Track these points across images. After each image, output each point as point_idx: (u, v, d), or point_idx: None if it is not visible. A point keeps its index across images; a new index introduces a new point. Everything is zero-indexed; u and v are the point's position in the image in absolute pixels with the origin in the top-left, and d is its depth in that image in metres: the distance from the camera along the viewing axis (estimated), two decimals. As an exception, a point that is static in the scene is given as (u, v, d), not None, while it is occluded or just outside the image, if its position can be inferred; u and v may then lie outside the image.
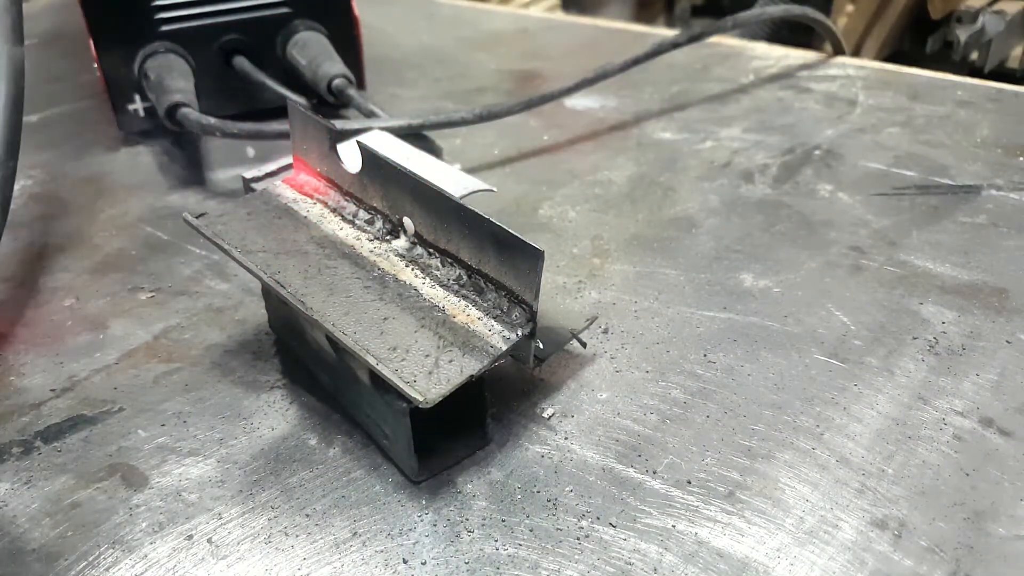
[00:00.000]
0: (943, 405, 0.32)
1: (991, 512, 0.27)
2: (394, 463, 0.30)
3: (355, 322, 0.29)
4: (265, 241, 0.32)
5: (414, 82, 0.64)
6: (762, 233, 0.43)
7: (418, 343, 0.28)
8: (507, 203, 0.47)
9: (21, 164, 0.53)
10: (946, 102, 0.56)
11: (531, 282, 0.28)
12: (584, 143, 0.54)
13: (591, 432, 0.31)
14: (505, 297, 0.29)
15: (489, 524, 0.27)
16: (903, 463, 0.29)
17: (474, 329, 0.29)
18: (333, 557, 0.27)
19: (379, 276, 0.31)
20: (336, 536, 0.27)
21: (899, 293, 0.38)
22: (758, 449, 0.30)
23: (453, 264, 0.31)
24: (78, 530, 0.28)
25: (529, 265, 0.27)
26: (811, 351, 0.35)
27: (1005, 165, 0.48)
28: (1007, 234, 0.42)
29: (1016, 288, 0.38)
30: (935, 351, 0.34)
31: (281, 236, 0.33)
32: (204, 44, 0.53)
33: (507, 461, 0.30)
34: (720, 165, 0.50)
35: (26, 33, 0.40)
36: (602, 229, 0.44)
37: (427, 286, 0.30)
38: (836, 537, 0.27)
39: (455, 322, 0.29)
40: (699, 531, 0.27)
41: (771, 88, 0.60)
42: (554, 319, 0.33)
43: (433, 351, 0.28)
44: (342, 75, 0.52)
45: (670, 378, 0.33)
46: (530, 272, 0.28)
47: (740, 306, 0.37)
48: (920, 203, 0.45)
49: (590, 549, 0.26)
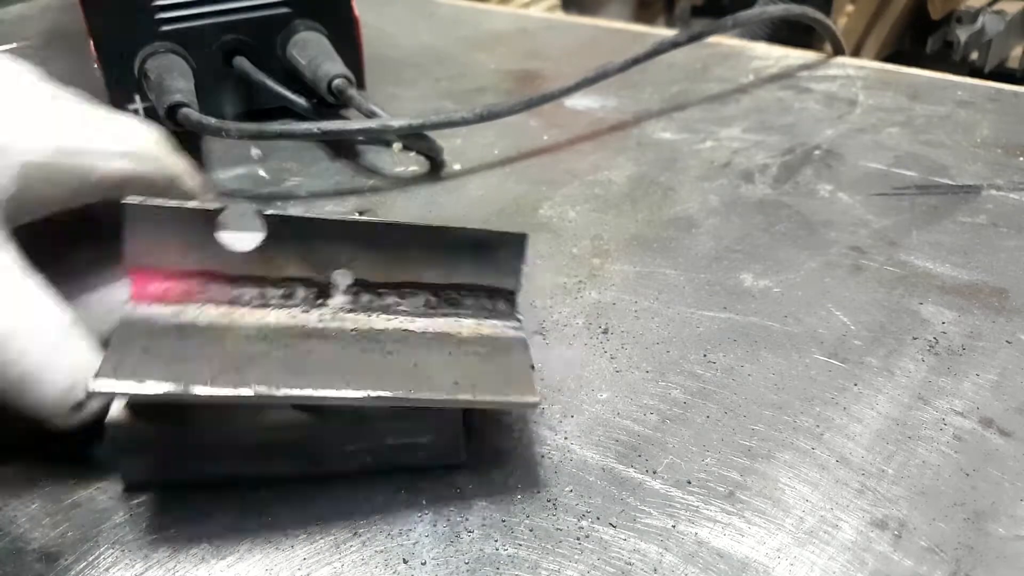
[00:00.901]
0: (943, 405, 0.32)
1: (991, 512, 0.27)
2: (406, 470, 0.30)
3: (398, 381, 0.27)
4: (201, 366, 0.26)
5: (414, 82, 0.64)
6: (762, 233, 0.43)
7: (465, 369, 0.28)
8: (507, 203, 0.47)
9: (21, 164, 0.53)
10: (946, 102, 0.56)
11: (515, 268, 0.28)
12: (584, 143, 0.54)
13: (591, 432, 0.31)
14: (484, 296, 0.29)
15: (489, 524, 0.27)
16: (903, 463, 0.29)
17: (487, 334, 0.29)
18: (333, 557, 0.27)
19: (357, 336, 0.29)
20: (336, 536, 0.27)
21: (899, 293, 0.38)
22: (758, 449, 0.30)
23: (416, 292, 0.30)
24: (78, 530, 0.28)
25: (513, 252, 0.28)
26: (811, 351, 0.35)
27: (1005, 165, 0.48)
28: (1007, 234, 0.42)
29: (1016, 288, 0.38)
30: (935, 351, 0.34)
31: (209, 352, 0.27)
32: (204, 44, 0.53)
33: (507, 461, 0.30)
34: (720, 165, 0.50)
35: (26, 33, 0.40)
36: (602, 229, 0.44)
37: (408, 323, 0.29)
38: (836, 537, 0.27)
39: (466, 337, 0.29)
40: (699, 531, 0.27)
41: (771, 88, 0.60)
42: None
43: (482, 365, 0.28)
44: (342, 75, 0.52)
45: (670, 378, 0.33)
46: (514, 259, 0.28)
47: (740, 306, 0.37)
48: (920, 203, 0.45)
49: (590, 549, 0.26)
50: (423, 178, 0.50)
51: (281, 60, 0.55)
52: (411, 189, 0.49)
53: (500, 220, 0.45)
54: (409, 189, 0.49)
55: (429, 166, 0.51)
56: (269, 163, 0.52)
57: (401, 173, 0.51)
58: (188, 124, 0.47)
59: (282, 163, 0.52)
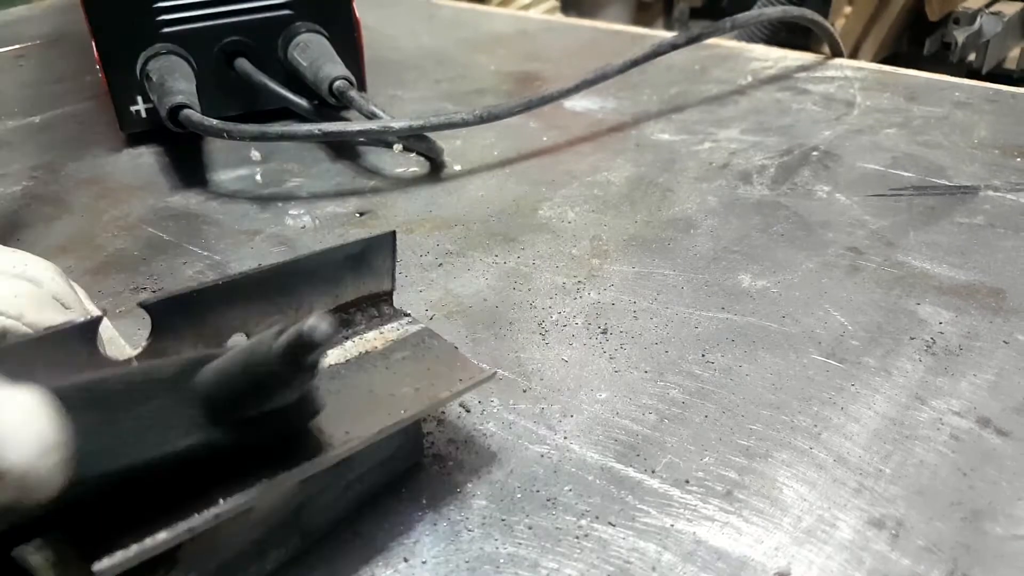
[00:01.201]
0: (940, 405, 0.32)
1: (988, 512, 0.27)
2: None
3: (374, 412, 0.26)
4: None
5: (414, 84, 0.64)
6: (760, 234, 0.43)
7: (411, 375, 0.28)
8: (507, 204, 0.47)
9: (24, 165, 0.54)
10: (943, 103, 0.57)
11: (388, 268, 0.29)
12: (583, 144, 0.54)
13: (590, 432, 0.31)
14: (368, 306, 0.30)
15: (489, 523, 0.28)
16: (901, 463, 0.29)
17: (396, 338, 0.29)
18: (334, 556, 0.27)
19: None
20: (336, 535, 0.27)
21: (896, 293, 0.38)
22: (756, 449, 0.30)
23: None
24: None
25: (384, 253, 0.29)
26: (809, 351, 0.35)
27: (1002, 166, 0.48)
28: (1004, 235, 0.42)
29: (1013, 288, 0.38)
30: (932, 351, 0.35)
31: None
32: (206, 46, 0.53)
33: (507, 460, 0.30)
34: (718, 166, 0.50)
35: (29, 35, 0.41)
36: (601, 230, 0.44)
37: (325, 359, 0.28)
38: (834, 536, 0.27)
39: (383, 349, 0.29)
40: (697, 530, 0.27)
41: (769, 90, 0.60)
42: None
43: (417, 365, 0.28)
44: (343, 77, 0.52)
45: (668, 378, 0.34)
46: (386, 259, 0.29)
47: (738, 306, 0.38)
48: (917, 204, 0.45)
49: (589, 548, 0.27)
50: (423, 179, 0.51)
51: (282, 62, 0.55)
52: (411, 190, 0.49)
53: (500, 220, 0.45)
54: (409, 190, 0.49)
55: (429, 167, 0.52)
56: (270, 164, 0.52)
57: (402, 174, 0.51)
58: (190, 125, 0.48)
59: (283, 164, 0.52)
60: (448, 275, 0.41)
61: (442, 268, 0.41)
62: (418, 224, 0.45)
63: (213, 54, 0.54)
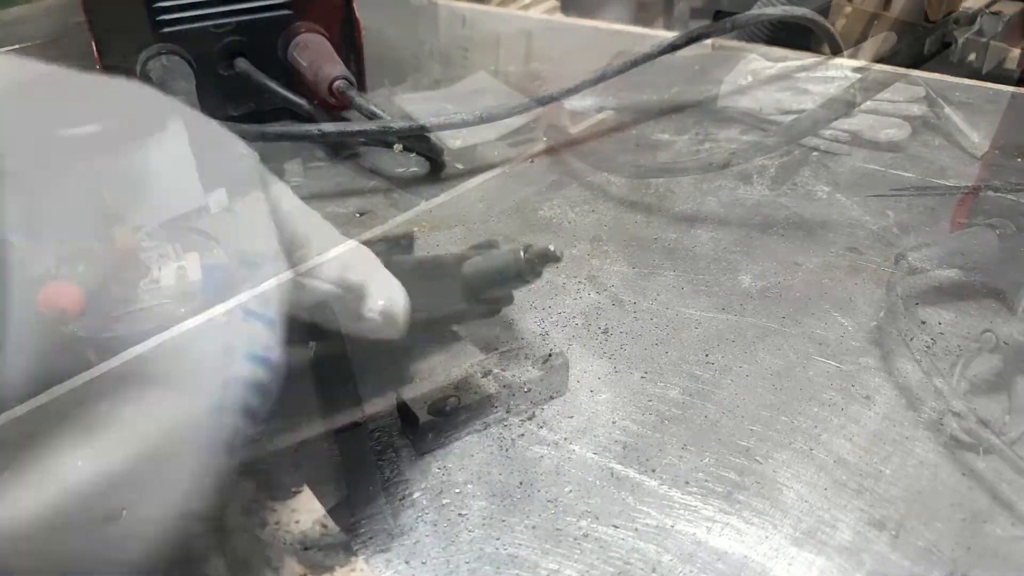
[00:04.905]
0: (940, 406, 0.32)
1: (988, 512, 0.27)
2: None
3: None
4: None
5: (414, 84, 0.64)
6: (760, 234, 0.43)
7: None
8: (508, 205, 0.47)
9: (22, 165, 0.54)
10: (944, 103, 0.56)
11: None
12: (583, 144, 0.54)
13: (591, 432, 0.31)
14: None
15: (489, 524, 0.28)
16: (900, 464, 0.29)
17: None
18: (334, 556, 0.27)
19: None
20: (337, 536, 0.27)
21: (896, 294, 0.38)
22: (756, 450, 0.30)
23: None
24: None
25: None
26: (809, 352, 0.35)
27: (1002, 166, 0.48)
28: (1004, 235, 0.42)
29: (1013, 289, 0.38)
30: (932, 352, 0.34)
31: None
32: (206, 46, 0.53)
33: (507, 461, 0.30)
34: (718, 166, 0.50)
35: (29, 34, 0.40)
36: (601, 230, 0.44)
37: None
38: (834, 537, 0.27)
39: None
40: (697, 531, 0.27)
41: (769, 90, 0.60)
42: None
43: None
44: (343, 76, 0.52)
45: (669, 379, 0.34)
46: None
47: (738, 307, 0.38)
48: (917, 204, 0.45)
49: (589, 549, 0.27)
50: (423, 179, 0.50)
51: (282, 62, 0.55)
52: (411, 190, 0.49)
53: (500, 221, 0.45)
54: (409, 190, 0.49)
55: (429, 167, 0.51)
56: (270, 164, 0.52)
57: (402, 174, 0.51)
58: (189, 126, 0.48)
59: (283, 164, 0.52)
60: (448, 275, 0.41)
61: (442, 268, 0.41)
62: (418, 224, 0.45)
63: (213, 54, 0.54)
